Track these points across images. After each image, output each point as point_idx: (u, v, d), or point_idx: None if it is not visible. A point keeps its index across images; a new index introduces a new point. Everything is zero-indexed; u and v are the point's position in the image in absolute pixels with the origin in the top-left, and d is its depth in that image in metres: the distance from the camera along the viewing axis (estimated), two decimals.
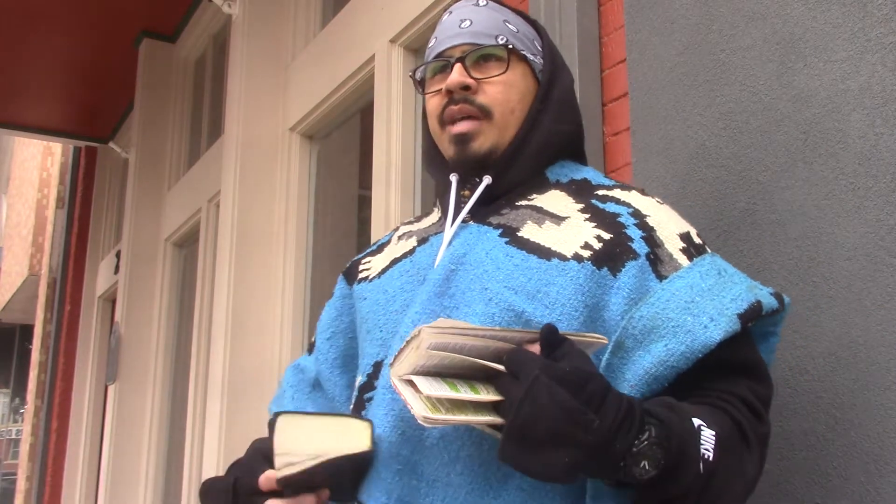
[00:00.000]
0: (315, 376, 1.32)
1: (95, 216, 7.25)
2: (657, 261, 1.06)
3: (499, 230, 1.13)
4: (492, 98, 1.17)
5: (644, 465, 0.88)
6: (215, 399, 3.53)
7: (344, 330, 1.31)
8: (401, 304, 1.15)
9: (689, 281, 1.04)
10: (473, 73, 1.17)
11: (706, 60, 1.57)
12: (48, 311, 8.47)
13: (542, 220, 1.12)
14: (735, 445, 0.97)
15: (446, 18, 1.24)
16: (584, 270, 1.04)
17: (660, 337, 1.00)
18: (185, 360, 4.89)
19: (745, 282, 1.08)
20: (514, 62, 1.19)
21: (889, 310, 1.19)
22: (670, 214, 1.14)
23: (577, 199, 1.15)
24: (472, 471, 0.99)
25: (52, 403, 7.29)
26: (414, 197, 2.86)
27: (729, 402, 1.00)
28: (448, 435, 1.01)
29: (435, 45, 1.23)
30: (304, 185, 3.68)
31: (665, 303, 1.02)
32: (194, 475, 4.25)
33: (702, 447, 0.92)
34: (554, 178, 1.20)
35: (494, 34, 1.19)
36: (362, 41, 3.15)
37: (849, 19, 1.31)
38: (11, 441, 21.37)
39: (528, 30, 1.24)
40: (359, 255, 1.39)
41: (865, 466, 1.19)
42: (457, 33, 1.20)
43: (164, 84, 5.56)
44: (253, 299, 3.58)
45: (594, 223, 1.09)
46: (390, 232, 1.38)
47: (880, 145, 1.24)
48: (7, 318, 14.21)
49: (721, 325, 1.00)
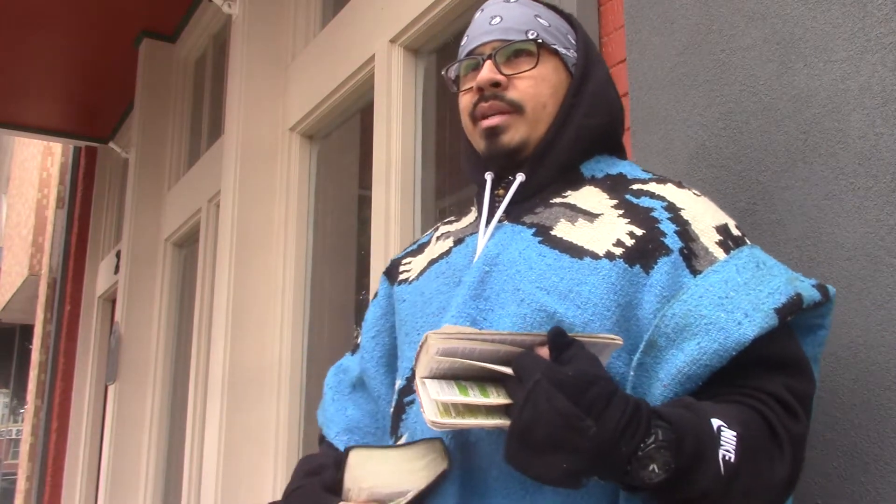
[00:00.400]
0: (358, 375, 1.32)
1: (95, 216, 7.25)
2: (691, 255, 1.03)
3: (532, 229, 1.12)
4: (522, 93, 1.16)
5: (652, 468, 0.86)
6: (215, 399, 3.53)
7: (388, 329, 1.30)
8: (437, 307, 1.14)
9: (723, 275, 1.01)
10: (504, 69, 1.17)
11: (706, 60, 1.57)
12: (48, 311, 8.47)
13: (575, 217, 1.11)
14: (762, 446, 0.94)
15: (478, 16, 1.24)
16: (617, 268, 1.03)
17: (692, 335, 0.98)
18: (185, 360, 4.89)
19: (784, 274, 1.04)
20: (545, 56, 1.18)
21: (889, 310, 1.19)
22: (707, 206, 1.11)
23: (612, 194, 1.13)
24: (507, 474, 0.98)
25: (52, 403, 7.29)
26: (414, 197, 2.86)
27: (759, 400, 0.97)
28: (483, 439, 1.00)
29: (466, 42, 1.23)
30: (304, 185, 3.68)
31: (698, 299, 0.99)
32: (194, 475, 4.25)
33: (721, 448, 0.90)
34: (589, 173, 1.18)
35: (525, 29, 1.18)
36: (362, 41, 3.15)
37: (849, 19, 1.31)
38: (11, 441, 21.37)
39: (560, 24, 1.23)
40: (399, 255, 1.38)
41: (865, 466, 1.19)
42: (487, 30, 1.19)
43: (164, 84, 5.56)
44: (253, 299, 3.58)
45: (627, 219, 1.08)
46: (430, 231, 1.37)
47: (880, 145, 1.24)
48: (7, 318, 14.20)
49: (756, 320, 0.97)
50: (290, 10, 3.93)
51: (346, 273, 3.59)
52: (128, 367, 5.23)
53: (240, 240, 3.62)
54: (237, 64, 3.85)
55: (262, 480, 3.42)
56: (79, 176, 7.62)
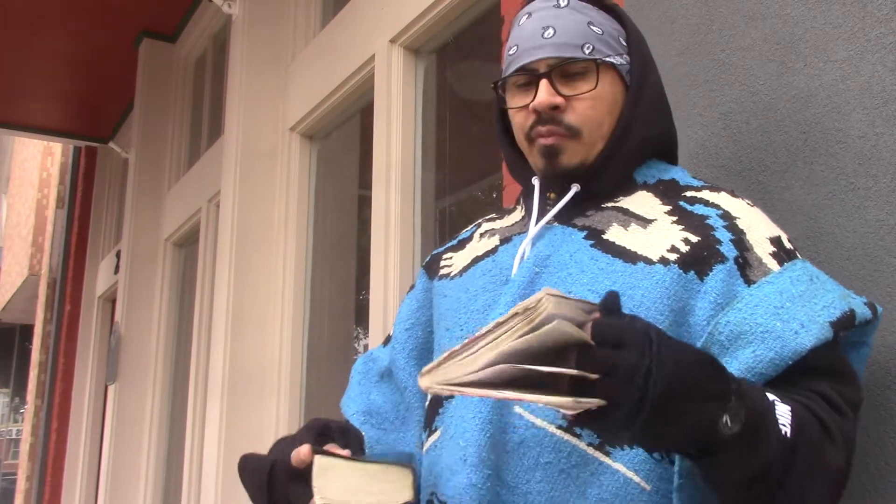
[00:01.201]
0: (387, 366, 1.31)
1: (95, 216, 7.25)
2: (746, 265, 1.02)
3: (584, 232, 1.11)
4: (580, 116, 1.12)
5: (726, 420, 0.82)
6: (215, 399, 3.53)
7: (423, 322, 1.29)
8: (482, 304, 1.13)
9: (778, 286, 1.00)
10: (561, 88, 1.12)
11: (706, 60, 1.57)
12: (48, 311, 8.47)
13: (628, 222, 1.10)
14: (814, 432, 0.91)
15: (526, 23, 1.15)
16: (671, 274, 1.02)
17: (747, 343, 0.96)
18: (185, 360, 4.89)
19: (837, 290, 1.04)
20: (602, 73, 1.13)
21: (889, 310, 1.19)
22: (761, 217, 1.10)
23: (665, 200, 1.12)
24: (551, 479, 0.97)
25: (52, 403, 7.29)
26: (414, 197, 2.86)
27: (807, 397, 0.95)
28: (527, 440, 0.99)
29: (517, 53, 1.14)
30: (304, 186, 3.68)
31: (753, 308, 0.98)
32: (194, 475, 4.25)
33: (778, 422, 0.87)
34: (641, 179, 1.17)
35: (580, 43, 1.11)
36: (362, 41, 3.15)
37: (849, 19, 1.31)
38: (11, 441, 21.37)
39: (612, 26, 1.17)
40: (439, 249, 1.36)
41: (865, 466, 1.19)
42: (540, 44, 1.12)
43: (164, 84, 5.56)
44: (253, 299, 3.58)
45: (682, 226, 1.07)
46: (472, 227, 1.35)
47: (880, 145, 1.24)
48: (7, 318, 14.20)
49: (812, 331, 0.96)
50: (290, 10, 3.93)
51: (346, 273, 3.59)
52: (128, 367, 5.23)
53: (240, 240, 3.62)
54: (237, 64, 3.85)
55: None
56: (79, 176, 7.62)
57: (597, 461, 0.97)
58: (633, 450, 0.97)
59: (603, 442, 0.98)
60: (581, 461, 0.97)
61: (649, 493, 0.96)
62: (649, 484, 0.96)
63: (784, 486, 0.88)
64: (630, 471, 0.96)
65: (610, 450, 0.97)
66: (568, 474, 0.97)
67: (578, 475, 0.96)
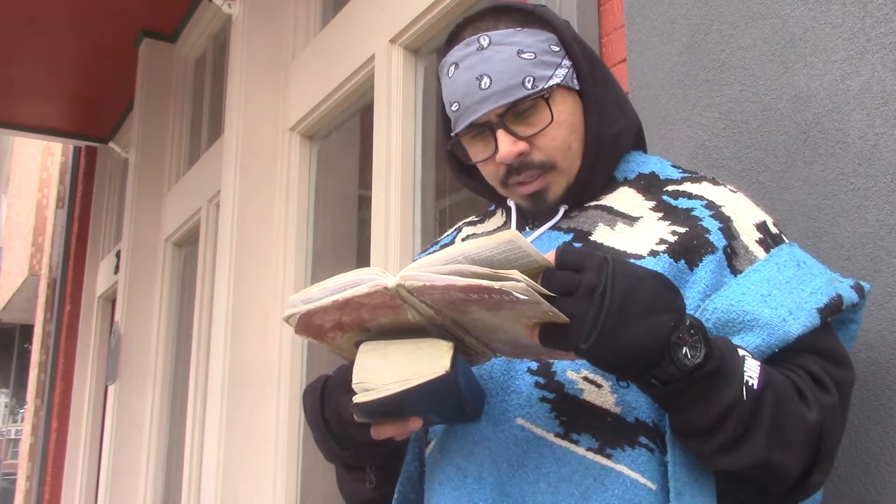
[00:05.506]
0: None
1: (95, 216, 7.25)
2: (733, 254, 1.02)
3: (570, 234, 1.10)
4: (548, 150, 1.09)
5: (686, 351, 0.85)
6: (215, 399, 3.53)
7: None
8: None
9: (765, 274, 1.00)
10: (519, 130, 1.08)
11: (706, 60, 1.57)
12: (48, 311, 8.47)
13: (614, 221, 1.09)
14: (786, 392, 0.92)
15: (456, 74, 1.10)
16: (661, 263, 1.01)
17: (735, 331, 0.97)
18: (185, 360, 4.89)
19: (824, 274, 1.03)
20: (553, 98, 1.09)
21: (889, 310, 1.19)
22: (745, 203, 1.09)
23: (647, 196, 1.11)
24: (555, 488, 0.97)
25: (52, 403, 7.29)
26: (414, 197, 2.86)
27: (789, 369, 0.96)
28: (530, 453, 1.00)
29: (461, 111, 1.10)
30: (304, 185, 3.68)
31: (741, 295, 0.98)
32: (194, 475, 4.25)
33: (745, 373, 0.89)
34: (621, 175, 1.16)
35: (519, 81, 1.07)
36: (362, 41, 3.15)
37: (849, 19, 1.31)
38: (11, 441, 21.37)
39: (539, 39, 1.10)
40: (421, 254, 1.36)
41: (865, 466, 1.19)
42: (481, 98, 1.07)
43: (164, 84, 5.56)
44: (253, 299, 3.58)
45: (668, 221, 1.06)
46: (452, 231, 1.34)
47: (880, 145, 1.24)
48: (7, 318, 14.21)
49: (800, 319, 0.97)
50: (290, 10, 3.94)
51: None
52: (128, 367, 5.23)
53: (240, 240, 3.62)
54: (237, 64, 3.85)
55: (261, 480, 3.42)
56: (79, 176, 7.61)
57: (598, 466, 0.97)
58: (634, 450, 0.97)
59: (602, 445, 0.97)
60: (581, 467, 0.97)
61: (655, 492, 0.96)
62: (654, 483, 0.96)
63: (748, 438, 0.89)
64: (634, 472, 0.96)
65: (610, 452, 0.97)
66: (570, 482, 0.97)
67: (581, 482, 0.96)
